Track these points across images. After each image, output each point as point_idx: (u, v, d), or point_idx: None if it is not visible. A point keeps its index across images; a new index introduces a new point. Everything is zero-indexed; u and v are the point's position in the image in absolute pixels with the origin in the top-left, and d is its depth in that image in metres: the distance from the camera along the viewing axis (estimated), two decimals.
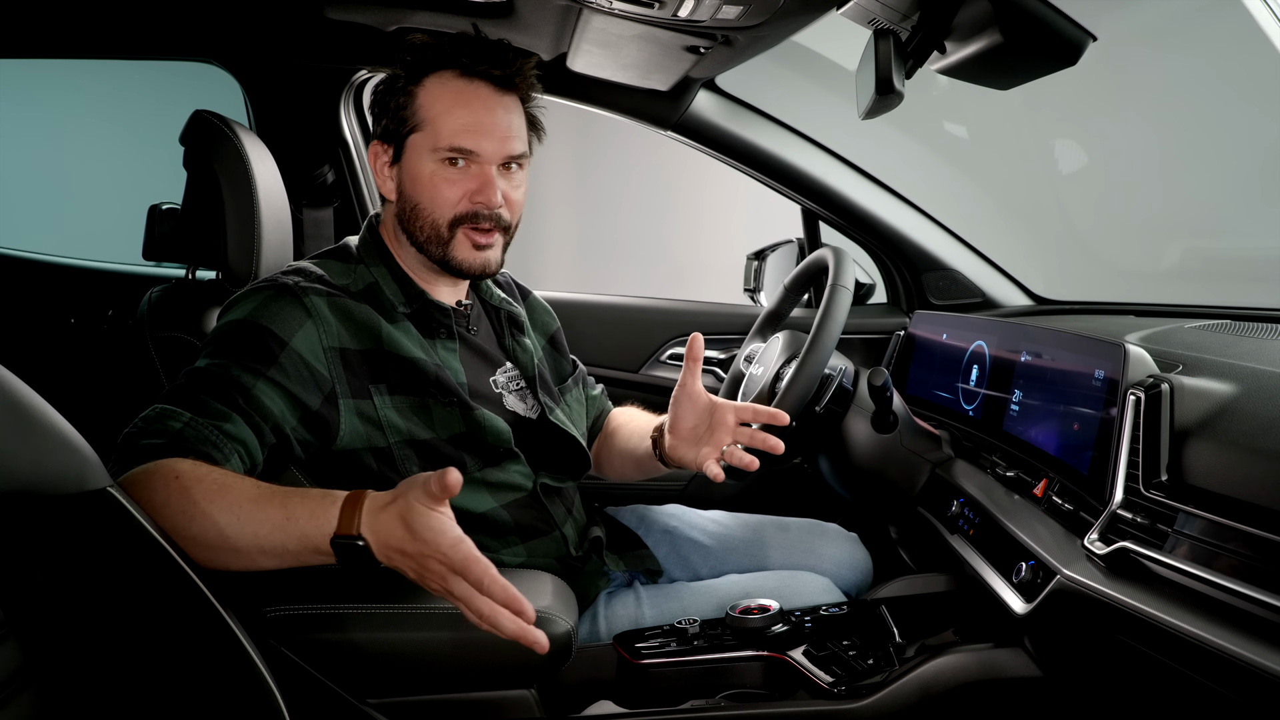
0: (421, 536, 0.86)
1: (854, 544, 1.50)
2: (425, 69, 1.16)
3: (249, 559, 0.91)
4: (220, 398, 1.00)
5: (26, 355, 1.49)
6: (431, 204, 1.15)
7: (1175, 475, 0.91)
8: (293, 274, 1.13)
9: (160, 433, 0.96)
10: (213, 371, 1.03)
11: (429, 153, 1.14)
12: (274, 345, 1.05)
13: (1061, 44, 1.09)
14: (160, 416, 0.98)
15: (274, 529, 0.90)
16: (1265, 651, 0.73)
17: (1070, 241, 2.89)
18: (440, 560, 0.86)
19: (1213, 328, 1.34)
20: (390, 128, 1.17)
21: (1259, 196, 2.34)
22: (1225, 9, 2.13)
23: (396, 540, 0.87)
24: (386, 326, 1.14)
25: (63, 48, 1.85)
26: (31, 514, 0.66)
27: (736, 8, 1.22)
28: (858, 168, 1.90)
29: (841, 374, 1.41)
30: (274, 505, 0.91)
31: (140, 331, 1.26)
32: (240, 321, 1.07)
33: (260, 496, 0.92)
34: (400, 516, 0.87)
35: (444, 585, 0.87)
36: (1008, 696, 1.15)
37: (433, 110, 1.14)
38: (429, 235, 1.16)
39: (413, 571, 0.89)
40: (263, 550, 0.91)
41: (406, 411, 1.13)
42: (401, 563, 0.89)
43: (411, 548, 0.87)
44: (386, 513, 0.88)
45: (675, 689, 1.17)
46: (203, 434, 0.97)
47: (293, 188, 1.43)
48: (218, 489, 0.91)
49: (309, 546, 0.90)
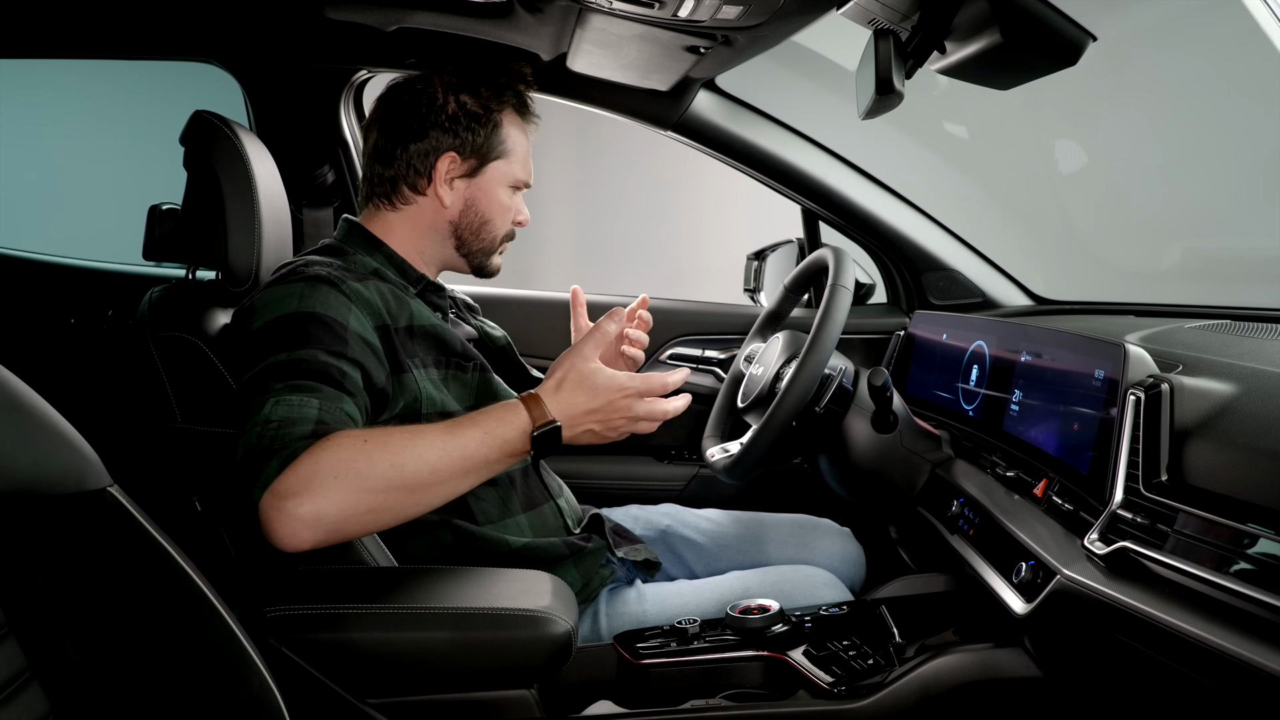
0: (603, 387, 1.06)
1: (847, 539, 1.53)
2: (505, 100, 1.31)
3: (454, 486, 1.02)
4: (326, 380, 1.03)
5: (26, 355, 1.49)
6: (502, 224, 1.34)
7: (1175, 475, 0.91)
8: (315, 265, 1.16)
9: (302, 422, 0.98)
10: (303, 361, 1.03)
11: (510, 180, 1.33)
12: (338, 329, 1.08)
13: (1061, 44, 1.09)
14: (292, 409, 0.98)
15: (478, 445, 1.02)
16: (1265, 651, 0.73)
17: (1070, 241, 2.89)
18: (626, 394, 1.07)
19: (1213, 328, 1.34)
20: (476, 143, 1.29)
21: (1259, 196, 2.34)
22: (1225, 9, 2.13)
23: (582, 404, 1.06)
24: (413, 302, 1.22)
25: (63, 48, 1.85)
26: (31, 514, 0.66)
27: (736, 8, 1.22)
28: (858, 168, 1.90)
29: (841, 374, 1.41)
30: (466, 428, 1.03)
31: (141, 331, 1.26)
32: (293, 314, 1.08)
33: (448, 427, 1.03)
34: (578, 384, 1.06)
35: (631, 414, 1.08)
36: (1008, 696, 1.15)
37: (513, 144, 1.32)
38: (485, 246, 1.34)
39: (599, 425, 1.08)
40: (468, 470, 1.02)
41: (440, 383, 1.20)
42: (588, 423, 1.07)
43: (598, 402, 1.06)
44: (564, 389, 1.06)
45: (675, 689, 1.17)
46: (339, 416, 1.01)
47: (293, 188, 1.43)
48: (411, 433, 1.01)
49: (508, 451, 1.04)
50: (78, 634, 0.70)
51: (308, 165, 1.81)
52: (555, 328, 1.56)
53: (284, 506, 0.91)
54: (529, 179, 1.36)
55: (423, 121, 1.26)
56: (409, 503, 0.99)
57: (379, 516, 0.97)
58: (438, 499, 1.02)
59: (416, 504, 1.00)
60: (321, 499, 0.91)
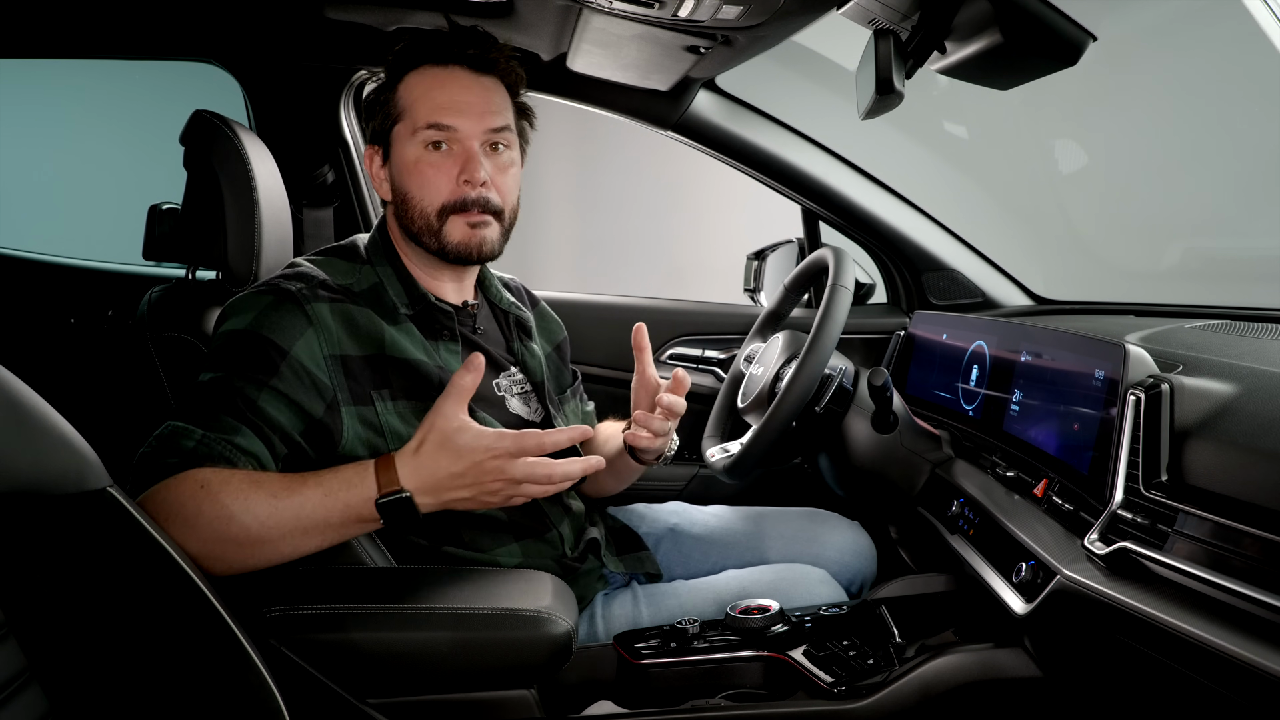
0: (468, 447, 0.93)
1: (856, 530, 1.52)
2: (405, 66, 1.17)
3: (292, 544, 0.94)
4: (229, 411, 1.00)
5: (26, 355, 1.49)
6: (420, 191, 1.15)
7: (1175, 475, 0.91)
8: (295, 279, 1.13)
9: (175, 450, 0.97)
10: (218, 384, 1.02)
11: (410, 138, 1.15)
12: (275, 355, 1.05)
13: (1061, 44, 1.09)
14: (174, 435, 0.98)
15: (315, 507, 0.93)
16: (1265, 651, 0.73)
17: (1070, 241, 2.89)
18: (495, 455, 0.93)
19: (1213, 328, 1.34)
20: (376, 128, 1.20)
21: (1259, 196, 2.34)
22: (1225, 9, 2.13)
23: (444, 469, 0.94)
24: (389, 330, 1.15)
25: (63, 48, 1.85)
26: (31, 514, 0.66)
27: (736, 8, 1.22)
28: (858, 168, 1.90)
29: (841, 374, 1.41)
30: (309, 486, 0.95)
31: (140, 331, 1.26)
32: (240, 332, 1.06)
33: (292, 481, 0.95)
34: (438, 446, 0.94)
35: (507, 477, 0.94)
36: (1008, 696, 1.14)
37: (410, 97, 1.16)
38: (421, 225, 1.17)
39: (469, 491, 0.95)
40: (305, 531, 0.93)
41: (409, 416, 1.13)
42: (455, 490, 0.95)
43: (461, 465, 0.93)
44: (422, 452, 0.94)
45: (675, 689, 1.17)
46: (216, 449, 0.98)
47: (293, 188, 1.43)
48: (249, 484, 0.94)
49: (352, 516, 0.94)
50: (78, 634, 0.70)
51: (308, 165, 1.81)
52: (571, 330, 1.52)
53: None
54: (438, 119, 1.13)
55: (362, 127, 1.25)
56: (241, 555, 0.92)
57: (211, 565, 0.91)
58: (278, 556, 0.94)
59: (251, 557, 0.92)
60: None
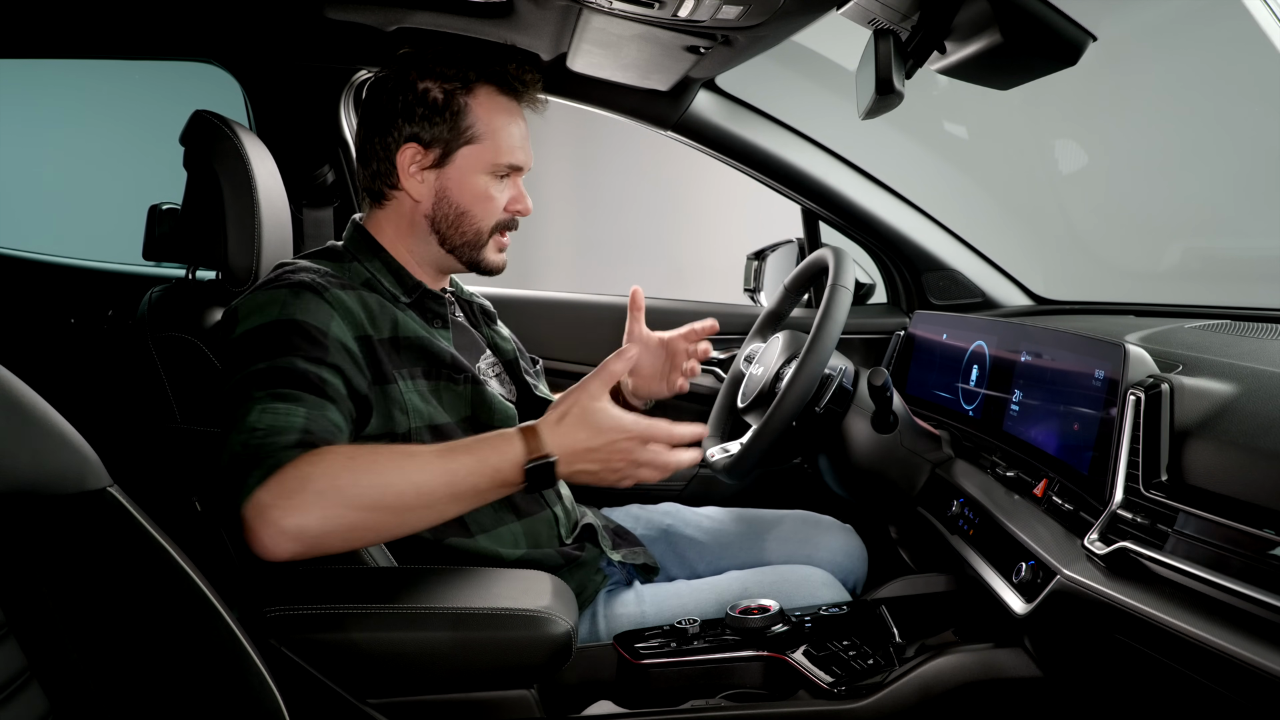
0: (606, 426, 1.02)
1: (849, 534, 1.53)
2: (477, 78, 1.23)
3: (440, 509, 1.00)
4: (306, 388, 1.02)
5: (26, 355, 1.49)
6: (483, 214, 1.25)
7: (1175, 475, 0.91)
8: (301, 271, 1.14)
9: (290, 429, 0.97)
10: (283, 368, 1.02)
11: (486, 166, 1.23)
12: (318, 335, 1.07)
13: (1061, 44, 1.09)
14: (278, 417, 0.97)
15: (468, 472, 1.00)
16: (1265, 651, 0.73)
17: (1070, 241, 2.89)
18: (628, 437, 1.03)
19: (1213, 328, 1.34)
20: (440, 135, 1.22)
21: (1259, 196, 2.34)
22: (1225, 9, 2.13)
23: (582, 442, 1.02)
24: (399, 313, 1.19)
25: (63, 48, 1.85)
26: (31, 514, 0.66)
27: (736, 8, 1.22)
28: (858, 168, 1.90)
29: (841, 374, 1.41)
30: (460, 453, 1.01)
31: (141, 331, 1.26)
32: (273, 323, 1.07)
33: (440, 451, 1.01)
34: (580, 420, 1.03)
35: (632, 459, 1.04)
36: (1008, 696, 1.14)
37: (490, 126, 1.23)
38: (469, 239, 1.25)
39: (598, 465, 1.04)
40: (455, 496, 1.00)
41: (427, 395, 1.17)
42: (586, 463, 1.03)
43: (598, 441, 1.02)
44: (565, 424, 1.03)
45: (675, 689, 1.17)
46: (324, 425, 1.00)
47: (293, 188, 1.43)
48: (402, 454, 1.00)
49: (499, 481, 1.01)
50: (78, 634, 0.70)
51: (308, 165, 1.81)
52: (561, 329, 1.54)
53: (267, 516, 0.90)
54: (516, 161, 1.25)
55: (388, 114, 1.22)
56: (393, 523, 0.98)
57: (362, 534, 0.96)
58: (424, 522, 1.00)
59: (401, 524, 0.99)
60: (304, 513, 0.91)
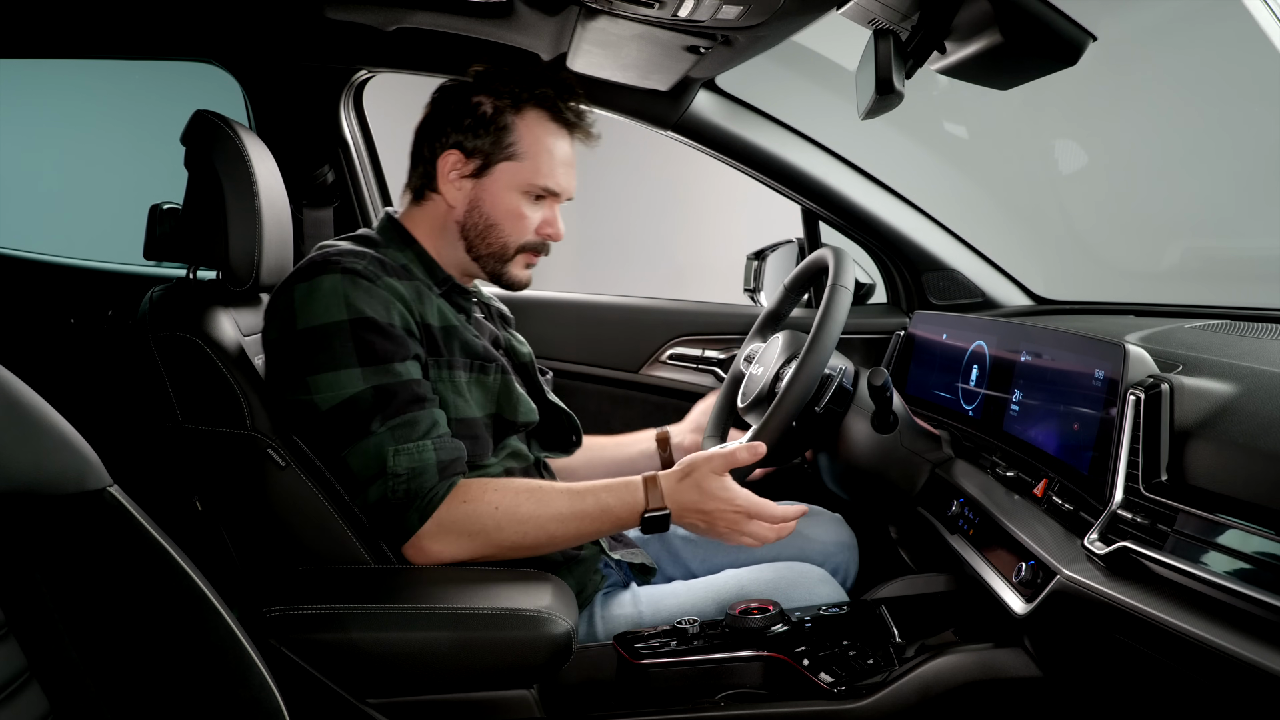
0: (719, 497, 1.15)
1: (839, 524, 1.55)
2: (530, 99, 1.27)
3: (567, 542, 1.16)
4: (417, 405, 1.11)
5: (26, 355, 1.49)
6: (512, 230, 1.29)
7: (1175, 475, 0.91)
8: (349, 256, 1.17)
9: (428, 467, 1.10)
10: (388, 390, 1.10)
11: (522, 184, 1.27)
12: (390, 330, 1.13)
13: (1061, 44, 1.09)
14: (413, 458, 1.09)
15: (593, 520, 1.14)
16: (1265, 651, 0.73)
17: (1070, 241, 2.89)
18: (737, 510, 1.15)
19: (1213, 328, 1.34)
20: (483, 148, 1.26)
21: (1259, 196, 2.34)
22: (1225, 9, 2.13)
23: (695, 503, 1.15)
24: (438, 300, 1.23)
25: (63, 48, 1.85)
26: (31, 514, 0.66)
27: (736, 8, 1.22)
28: (858, 168, 1.90)
29: (841, 374, 1.40)
30: (587, 501, 1.14)
31: (141, 331, 1.26)
32: (347, 323, 1.11)
33: (571, 496, 1.14)
34: (697, 485, 1.15)
35: (735, 528, 1.16)
36: (1008, 696, 1.14)
37: (534, 147, 1.27)
38: (495, 252, 1.29)
39: (704, 523, 1.16)
40: (580, 535, 1.15)
41: (463, 387, 1.22)
42: (694, 519, 1.16)
43: (709, 506, 1.15)
44: (684, 484, 1.15)
45: (675, 689, 1.17)
46: (448, 446, 1.13)
47: (293, 188, 1.43)
48: (538, 499, 1.13)
49: (618, 524, 1.15)
50: (78, 634, 0.70)
51: (308, 165, 1.81)
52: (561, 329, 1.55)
53: (427, 550, 1.10)
54: (551, 185, 1.29)
55: (440, 119, 1.28)
56: (524, 555, 1.15)
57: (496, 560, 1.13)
58: (551, 549, 1.17)
59: (529, 555, 1.15)
60: (457, 548, 1.10)
